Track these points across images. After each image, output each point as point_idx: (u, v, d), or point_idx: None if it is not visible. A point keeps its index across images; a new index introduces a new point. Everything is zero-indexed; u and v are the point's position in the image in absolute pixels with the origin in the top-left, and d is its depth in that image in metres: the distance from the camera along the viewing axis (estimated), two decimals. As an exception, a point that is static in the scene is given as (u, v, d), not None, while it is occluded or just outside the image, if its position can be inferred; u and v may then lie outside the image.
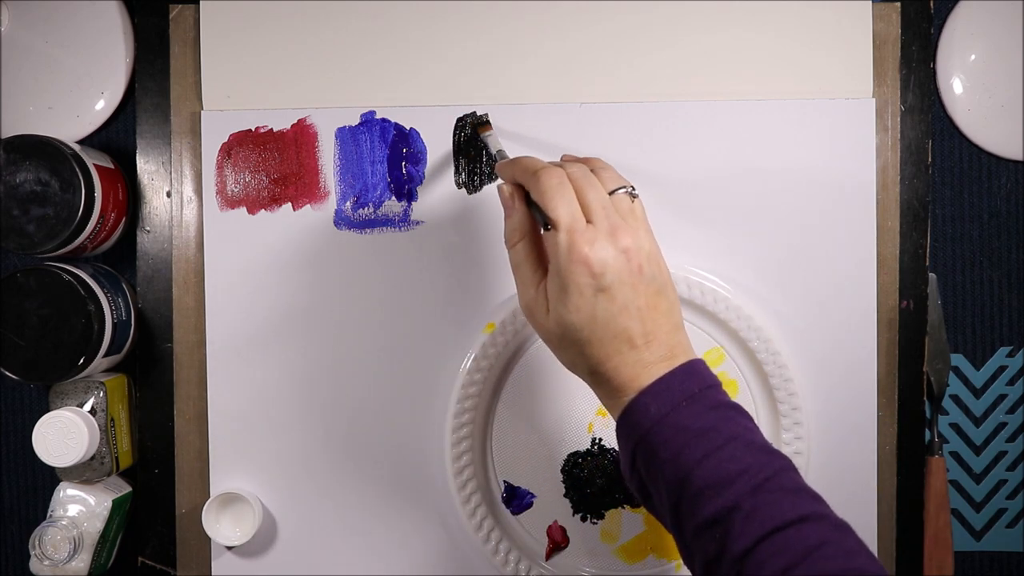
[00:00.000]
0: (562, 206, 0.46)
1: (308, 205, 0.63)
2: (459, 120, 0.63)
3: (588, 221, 0.46)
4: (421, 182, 0.63)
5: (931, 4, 0.63)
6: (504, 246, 0.51)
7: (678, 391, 0.45)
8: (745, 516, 0.42)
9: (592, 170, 0.49)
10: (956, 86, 0.64)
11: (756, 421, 0.62)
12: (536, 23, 0.63)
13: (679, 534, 0.45)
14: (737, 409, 0.47)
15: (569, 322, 0.46)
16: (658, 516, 0.48)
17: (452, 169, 0.63)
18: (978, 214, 0.65)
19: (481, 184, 0.63)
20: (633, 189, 0.49)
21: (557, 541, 0.63)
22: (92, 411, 0.60)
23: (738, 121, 0.62)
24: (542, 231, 0.47)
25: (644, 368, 0.46)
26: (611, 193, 0.48)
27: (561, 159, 0.54)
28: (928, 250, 0.63)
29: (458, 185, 0.63)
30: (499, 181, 0.53)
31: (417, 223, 0.63)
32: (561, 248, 0.45)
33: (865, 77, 0.62)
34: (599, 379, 0.47)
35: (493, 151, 0.57)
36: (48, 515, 0.61)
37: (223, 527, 0.62)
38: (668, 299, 0.47)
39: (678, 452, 0.44)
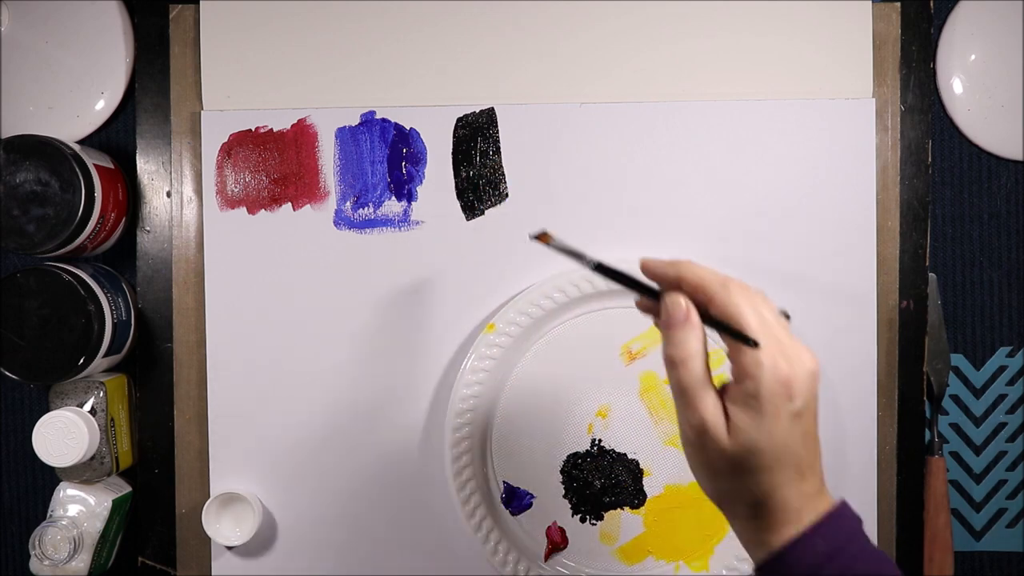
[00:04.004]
0: (758, 323, 0.43)
1: (308, 205, 0.63)
2: (459, 120, 0.63)
3: None
4: (421, 182, 0.63)
5: (931, 4, 0.63)
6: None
7: (842, 529, 0.43)
8: None
9: None
10: (956, 86, 0.64)
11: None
12: (536, 23, 0.63)
13: None
14: (883, 552, 0.45)
15: (757, 448, 0.42)
16: None
17: (452, 169, 0.63)
18: (978, 214, 0.65)
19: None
20: (787, 312, 0.46)
21: (556, 542, 0.63)
22: (92, 411, 0.60)
23: (738, 121, 0.62)
24: (741, 348, 0.43)
25: (807, 500, 0.43)
26: None
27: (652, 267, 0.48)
28: (928, 250, 0.63)
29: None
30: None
31: (417, 223, 0.63)
32: (765, 368, 0.42)
33: (865, 77, 0.62)
34: (762, 511, 0.44)
35: (592, 263, 0.48)
36: (48, 515, 0.61)
37: (223, 527, 0.62)
38: (818, 425, 0.45)
39: None
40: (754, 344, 0.42)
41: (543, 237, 0.50)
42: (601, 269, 0.47)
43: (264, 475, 0.63)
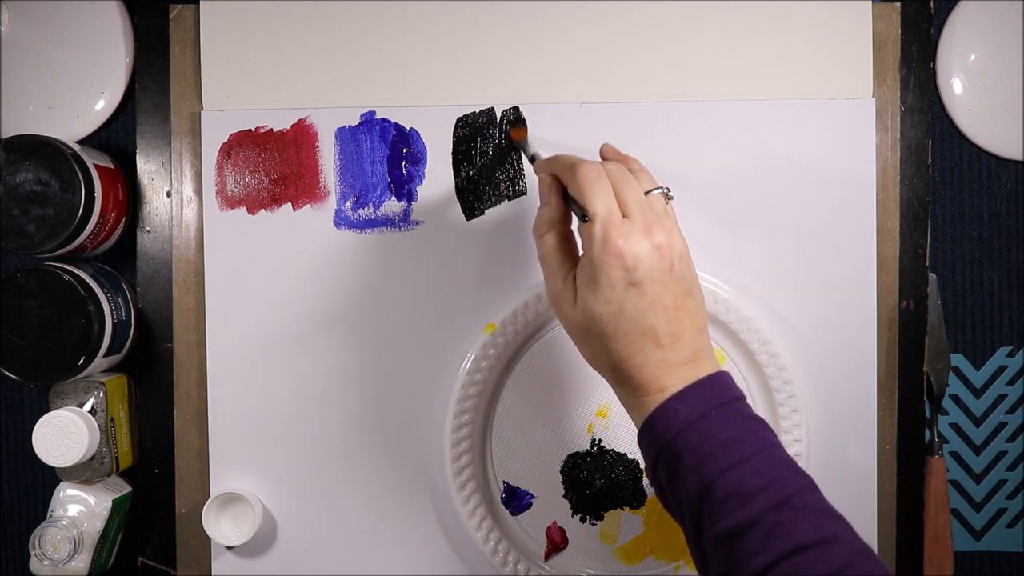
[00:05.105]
0: (599, 199, 0.46)
1: (308, 205, 0.63)
2: (459, 120, 0.63)
3: (624, 216, 0.46)
4: (421, 182, 0.63)
5: (931, 4, 0.63)
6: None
7: (708, 399, 0.45)
8: (767, 531, 0.42)
9: (629, 170, 0.50)
10: (956, 86, 0.64)
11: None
12: (536, 23, 0.63)
13: (697, 542, 0.45)
14: (763, 423, 0.46)
15: (596, 313, 0.46)
16: (677, 520, 0.47)
17: (452, 169, 0.63)
18: (978, 214, 0.65)
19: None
20: (668, 191, 0.49)
21: (556, 542, 0.63)
22: (92, 411, 0.60)
23: (738, 121, 0.62)
24: (578, 223, 0.47)
25: (667, 369, 0.46)
26: (647, 193, 0.48)
27: (600, 151, 0.55)
28: (928, 250, 0.63)
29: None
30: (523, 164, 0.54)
31: (417, 223, 0.63)
32: (596, 239, 0.45)
33: (865, 77, 0.62)
34: (620, 376, 0.47)
35: (529, 154, 0.58)
36: (48, 515, 0.61)
37: (223, 527, 0.62)
38: (695, 301, 0.47)
39: (704, 460, 0.44)
40: (584, 217, 0.46)
41: (518, 132, 0.61)
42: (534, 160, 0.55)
43: (264, 475, 0.63)
